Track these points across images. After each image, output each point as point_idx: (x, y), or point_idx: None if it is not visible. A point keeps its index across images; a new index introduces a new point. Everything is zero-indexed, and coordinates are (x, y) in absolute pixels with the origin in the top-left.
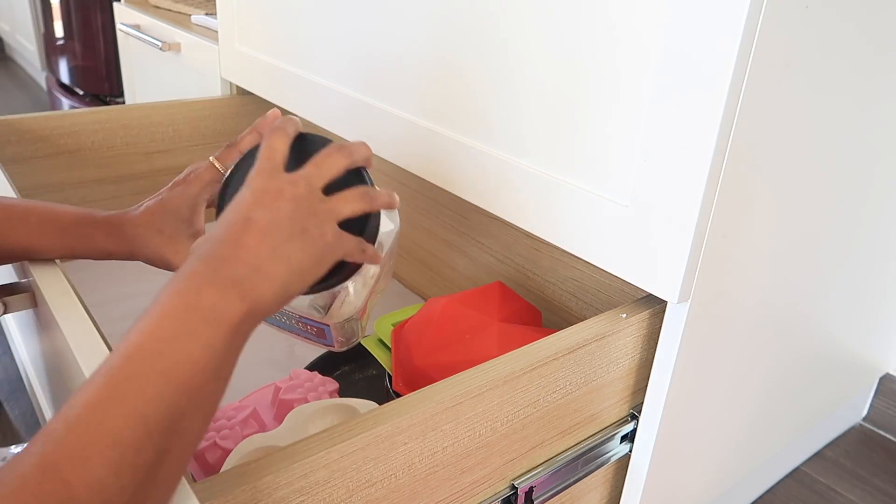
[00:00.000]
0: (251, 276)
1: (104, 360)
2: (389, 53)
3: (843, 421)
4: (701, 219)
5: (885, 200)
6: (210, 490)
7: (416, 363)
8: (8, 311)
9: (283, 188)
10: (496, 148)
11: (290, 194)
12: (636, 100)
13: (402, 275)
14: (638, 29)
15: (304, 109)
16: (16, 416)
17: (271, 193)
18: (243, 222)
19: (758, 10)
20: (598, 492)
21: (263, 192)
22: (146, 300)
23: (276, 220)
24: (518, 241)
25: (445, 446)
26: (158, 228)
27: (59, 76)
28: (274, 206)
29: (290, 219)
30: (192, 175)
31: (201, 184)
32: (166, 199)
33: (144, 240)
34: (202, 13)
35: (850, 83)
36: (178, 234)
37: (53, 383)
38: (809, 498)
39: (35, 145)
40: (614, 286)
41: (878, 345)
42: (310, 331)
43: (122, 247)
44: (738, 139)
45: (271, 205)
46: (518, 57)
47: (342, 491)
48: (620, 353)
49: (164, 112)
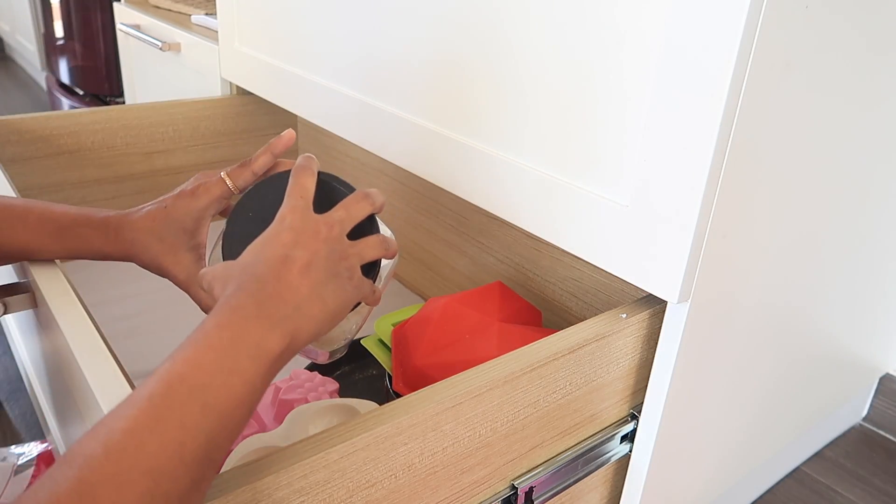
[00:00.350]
0: (293, 314)
1: (143, 384)
2: (390, 53)
3: (843, 421)
4: (701, 219)
5: (886, 200)
6: (210, 490)
7: (416, 363)
8: (8, 312)
9: (319, 229)
10: (496, 148)
11: (325, 236)
12: (636, 100)
13: (402, 275)
14: (638, 29)
15: (304, 109)
16: (16, 416)
17: (308, 233)
18: (283, 259)
19: (758, 10)
20: (598, 492)
21: (301, 232)
22: (146, 300)
23: (314, 262)
24: (518, 241)
25: (446, 446)
26: (159, 236)
27: (59, 76)
28: (312, 247)
29: (327, 260)
30: (202, 188)
31: (210, 198)
32: (171, 208)
33: (144, 245)
34: (202, 13)
35: (851, 83)
36: (179, 245)
37: (53, 383)
38: (809, 498)
39: (35, 145)
40: (614, 286)
41: (878, 345)
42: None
43: (119, 249)
44: (738, 139)
45: (308, 245)
46: (519, 57)
47: (342, 491)
48: (620, 353)
49: (164, 112)
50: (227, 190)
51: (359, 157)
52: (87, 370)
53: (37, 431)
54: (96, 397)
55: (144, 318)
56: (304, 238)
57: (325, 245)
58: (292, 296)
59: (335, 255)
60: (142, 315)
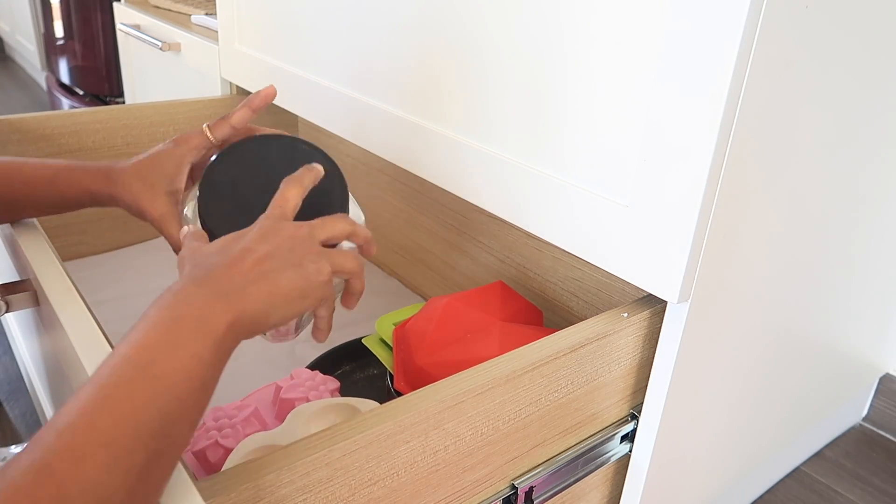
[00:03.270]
0: (237, 292)
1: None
2: (391, 53)
3: (843, 421)
4: (701, 219)
5: (886, 200)
6: (212, 488)
7: (417, 362)
8: (10, 310)
9: (286, 229)
10: (496, 148)
11: (290, 234)
12: (636, 100)
13: (402, 275)
14: (638, 29)
15: (304, 109)
16: (16, 416)
17: (273, 232)
18: (242, 251)
19: (758, 10)
20: (598, 491)
21: (267, 230)
22: (147, 300)
23: (274, 253)
24: (519, 241)
25: (447, 445)
26: (142, 177)
27: (59, 76)
28: (274, 242)
29: (290, 251)
30: (182, 138)
31: (189, 147)
32: (154, 154)
33: (127, 185)
34: (202, 13)
35: (851, 83)
36: (159, 188)
37: (54, 383)
38: (809, 498)
39: (36, 144)
40: (615, 286)
41: (878, 345)
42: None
43: (105, 189)
44: (738, 139)
45: (272, 240)
46: (519, 56)
47: (344, 489)
48: (621, 353)
49: (164, 112)
50: (206, 140)
51: (359, 157)
52: (91, 369)
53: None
54: None
55: None
56: (269, 235)
57: (289, 241)
58: (241, 278)
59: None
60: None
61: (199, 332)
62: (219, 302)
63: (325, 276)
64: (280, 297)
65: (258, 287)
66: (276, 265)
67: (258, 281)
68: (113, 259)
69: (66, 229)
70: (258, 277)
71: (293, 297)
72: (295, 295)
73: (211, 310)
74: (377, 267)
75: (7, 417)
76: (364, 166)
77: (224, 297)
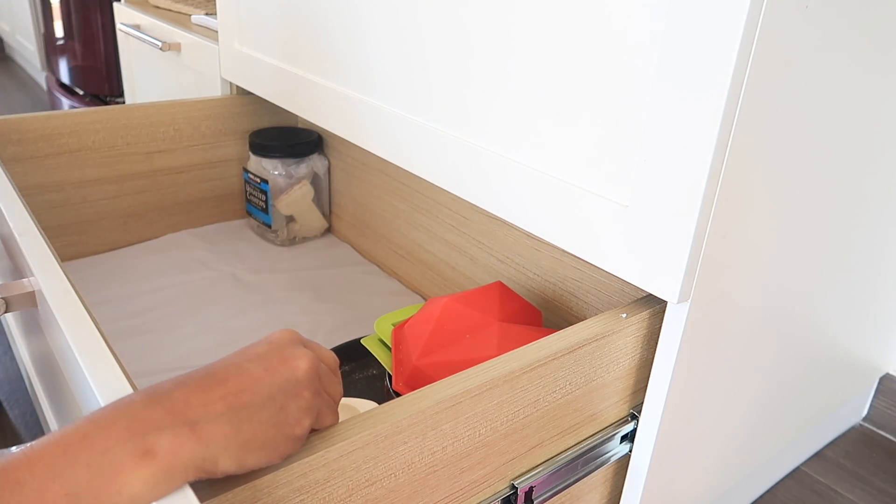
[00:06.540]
0: (178, 428)
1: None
2: (391, 52)
3: (843, 421)
4: (701, 219)
5: (886, 200)
6: (209, 489)
7: (415, 363)
8: (9, 311)
9: (295, 355)
10: (496, 147)
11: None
12: (636, 100)
13: (402, 275)
14: (638, 28)
15: (304, 109)
16: (16, 416)
17: (283, 358)
18: (235, 367)
19: (758, 10)
20: (598, 492)
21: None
22: (147, 300)
23: (263, 380)
24: (518, 241)
25: (445, 445)
26: None
27: (59, 76)
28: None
29: (279, 389)
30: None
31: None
32: None
33: None
34: (202, 13)
35: (851, 83)
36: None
37: (54, 383)
38: (809, 498)
39: (36, 144)
40: (614, 286)
41: (878, 345)
42: None
43: None
44: (738, 139)
45: (275, 368)
46: (519, 56)
47: (342, 490)
48: (620, 353)
49: (165, 112)
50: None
51: (359, 157)
52: (88, 370)
53: (37, 432)
54: (97, 397)
55: (145, 318)
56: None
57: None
58: (200, 409)
59: (295, 390)
60: (143, 315)
61: (97, 467)
62: (148, 435)
63: (301, 430)
64: (239, 446)
65: (214, 428)
66: (253, 401)
67: (216, 421)
68: (113, 259)
69: (66, 229)
70: (219, 417)
71: (255, 446)
72: (258, 444)
73: (127, 444)
74: (377, 267)
75: (7, 418)
76: (364, 166)
77: (153, 430)
